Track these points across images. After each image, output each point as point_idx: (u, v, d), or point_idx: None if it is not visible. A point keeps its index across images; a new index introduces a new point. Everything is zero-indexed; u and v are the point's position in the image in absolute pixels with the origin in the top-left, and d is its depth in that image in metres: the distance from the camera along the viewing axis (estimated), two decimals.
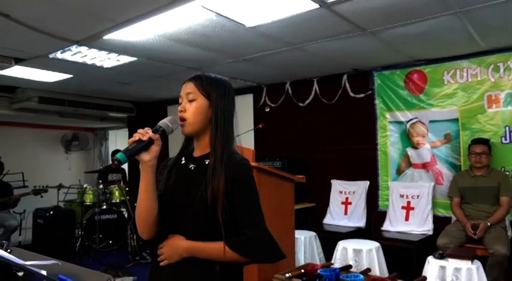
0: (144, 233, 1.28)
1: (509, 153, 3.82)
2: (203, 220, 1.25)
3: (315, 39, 3.54)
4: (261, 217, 1.29)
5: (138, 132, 1.21)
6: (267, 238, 1.27)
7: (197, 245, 1.25)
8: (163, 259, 1.28)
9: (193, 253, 1.25)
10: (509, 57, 3.83)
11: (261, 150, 5.52)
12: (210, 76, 1.38)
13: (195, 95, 1.32)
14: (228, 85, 1.40)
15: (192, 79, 1.35)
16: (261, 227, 1.27)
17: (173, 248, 1.27)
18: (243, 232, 1.25)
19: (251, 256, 1.25)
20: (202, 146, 1.35)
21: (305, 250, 3.87)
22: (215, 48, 3.74)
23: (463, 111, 4.09)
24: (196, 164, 1.34)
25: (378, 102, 4.66)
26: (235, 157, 1.31)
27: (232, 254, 1.22)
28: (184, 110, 1.32)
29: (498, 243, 3.27)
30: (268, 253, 1.27)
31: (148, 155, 1.22)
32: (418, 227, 4.15)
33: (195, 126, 1.31)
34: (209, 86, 1.33)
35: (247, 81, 5.36)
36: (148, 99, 6.78)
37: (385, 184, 4.59)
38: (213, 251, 1.24)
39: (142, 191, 1.24)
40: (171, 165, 1.39)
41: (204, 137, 1.34)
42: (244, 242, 1.24)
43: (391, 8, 2.82)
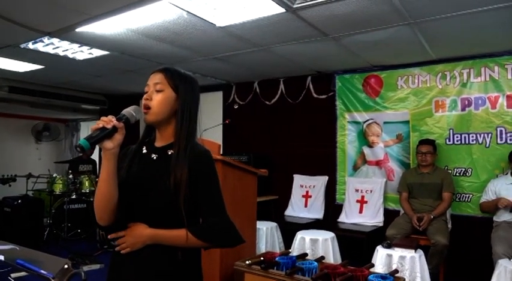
0: (102, 220, 1.25)
1: (452, 153, 4.01)
2: (165, 209, 1.24)
3: (282, 42, 3.56)
4: (222, 205, 1.30)
5: (102, 120, 1.18)
6: (228, 224, 1.28)
7: (160, 232, 1.24)
8: (126, 247, 1.25)
9: (156, 240, 1.24)
10: (455, 67, 4.01)
11: (229, 145, 5.52)
12: (179, 70, 1.37)
13: (163, 86, 1.30)
14: (196, 81, 1.40)
15: (162, 71, 1.33)
16: (223, 215, 1.28)
17: (136, 236, 1.25)
18: (206, 219, 1.27)
19: (213, 242, 1.27)
20: (165, 137, 1.33)
21: (266, 240, 3.91)
22: (187, 45, 3.69)
23: (414, 114, 4.25)
24: (159, 154, 1.32)
25: (338, 104, 4.76)
26: (198, 148, 1.31)
27: (195, 240, 1.23)
28: (150, 98, 1.29)
29: (439, 234, 3.44)
30: (229, 238, 1.29)
31: (111, 143, 1.18)
32: (370, 219, 4.29)
33: (159, 116, 1.29)
34: (178, 79, 1.32)
35: (217, 79, 5.33)
36: (120, 93, 6.60)
37: (343, 179, 4.71)
38: (176, 238, 1.23)
39: (104, 178, 1.21)
40: (132, 154, 1.36)
41: (167, 127, 1.33)
42: (207, 229, 1.26)
43: (352, 17, 2.88)
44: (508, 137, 3.74)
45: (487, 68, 3.85)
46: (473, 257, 3.73)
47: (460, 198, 3.94)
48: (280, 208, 4.97)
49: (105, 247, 4.82)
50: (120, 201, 1.25)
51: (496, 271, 2.81)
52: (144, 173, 1.29)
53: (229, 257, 2.68)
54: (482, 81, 3.88)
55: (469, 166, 3.93)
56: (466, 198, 3.92)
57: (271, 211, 4.94)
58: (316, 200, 4.76)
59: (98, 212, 1.25)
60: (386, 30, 3.17)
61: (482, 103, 3.88)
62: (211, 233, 1.25)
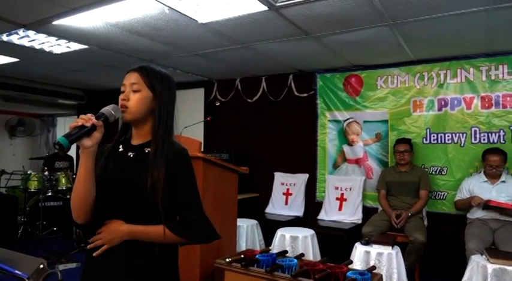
0: (79, 218, 1.25)
1: (429, 152, 4.12)
2: (143, 206, 1.25)
3: (264, 40, 3.57)
4: (199, 203, 1.32)
5: (81, 118, 1.18)
6: (204, 221, 1.31)
7: (138, 228, 1.25)
8: (103, 244, 1.25)
9: (133, 236, 1.25)
10: (432, 68, 4.11)
11: (210, 142, 5.50)
12: (155, 69, 1.36)
13: (140, 86, 1.30)
14: (172, 79, 1.40)
15: (138, 70, 1.33)
16: (200, 212, 1.31)
17: (113, 232, 1.25)
18: (183, 216, 1.29)
19: (190, 237, 1.29)
20: (142, 135, 1.34)
21: (247, 237, 3.92)
22: (168, 41, 3.65)
23: (392, 113, 4.33)
24: (136, 152, 1.32)
25: (319, 102, 4.81)
26: (175, 147, 1.32)
27: (172, 236, 1.24)
28: (127, 99, 1.29)
29: (417, 232, 3.52)
30: (205, 234, 1.33)
31: (90, 141, 1.18)
32: (349, 217, 4.36)
33: (137, 115, 1.30)
34: (154, 79, 1.32)
35: (198, 75, 5.29)
36: (99, 88, 6.47)
37: (323, 177, 4.76)
38: (153, 233, 1.24)
39: (81, 176, 1.20)
40: (109, 152, 1.35)
41: (144, 126, 1.33)
42: (184, 225, 1.28)
43: (333, 16, 2.91)
44: (482, 137, 3.86)
45: (462, 70, 3.96)
46: (447, 253, 3.84)
47: (435, 196, 4.05)
48: (261, 206, 4.98)
49: (82, 245, 4.72)
50: (97, 199, 1.25)
51: (469, 266, 2.91)
52: (121, 171, 1.30)
53: (209, 255, 2.68)
54: (458, 83, 3.99)
55: (444, 165, 4.04)
56: (442, 196, 4.03)
57: (252, 208, 4.95)
58: (297, 197, 4.80)
59: (75, 211, 1.24)
60: (367, 30, 3.22)
61: (457, 104, 3.99)
62: (188, 229, 1.28)
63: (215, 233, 1.33)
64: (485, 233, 3.32)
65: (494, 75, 3.82)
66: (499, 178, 3.50)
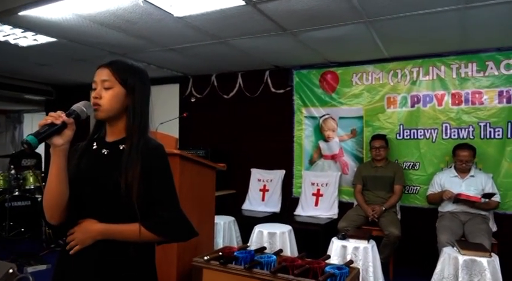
0: (53, 218, 1.20)
1: (402, 147, 4.21)
2: (117, 204, 1.20)
3: (240, 35, 3.53)
4: (175, 200, 1.28)
5: (51, 115, 1.13)
6: (181, 218, 1.28)
7: (112, 227, 1.21)
8: (75, 244, 1.20)
9: (107, 235, 1.21)
10: (405, 65, 4.20)
11: (185, 139, 5.42)
12: (127, 63, 1.31)
13: (111, 83, 1.25)
14: (145, 73, 1.35)
15: (108, 66, 1.27)
16: (176, 209, 1.27)
17: (85, 232, 1.21)
18: (159, 213, 1.24)
19: (167, 235, 1.26)
20: (116, 132, 1.30)
21: (224, 234, 3.89)
22: (142, 35, 3.55)
23: (367, 110, 4.40)
24: (110, 149, 1.28)
25: (295, 99, 4.82)
26: (151, 143, 1.28)
27: (148, 234, 1.21)
28: (99, 97, 1.24)
29: (392, 226, 3.61)
30: (183, 232, 1.29)
31: (61, 139, 1.13)
32: (325, 212, 4.40)
33: (110, 112, 1.25)
34: (126, 74, 1.27)
35: (173, 70, 5.19)
36: (69, 83, 6.24)
37: (299, 173, 4.79)
38: (128, 232, 1.20)
39: (53, 175, 1.15)
40: (82, 149, 1.31)
41: (118, 122, 1.29)
42: (161, 223, 1.24)
43: (310, 12, 2.91)
44: (452, 133, 3.98)
45: (434, 67, 4.07)
46: (420, 246, 3.95)
47: (408, 190, 4.15)
48: (238, 202, 4.96)
49: (52, 246, 4.55)
50: (71, 198, 1.20)
51: (440, 258, 3.01)
52: (95, 169, 1.25)
53: (186, 253, 2.63)
54: (430, 80, 4.10)
55: (417, 160, 4.14)
56: (414, 190, 4.14)
57: (229, 205, 4.92)
58: (273, 193, 4.80)
59: (48, 211, 1.19)
60: (343, 27, 3.24)
61: (429, 100, 4.10)
62: (164, 227, 1.24)
63: (193, 230, 1.30)
64: (456, 225, 3.43)
65: (464, 73, 3.95)
66: (468, 172, 3.63)
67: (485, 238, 3.19)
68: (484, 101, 3.86)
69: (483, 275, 2.70)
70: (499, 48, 3.77)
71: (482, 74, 3.87)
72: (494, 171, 3.77)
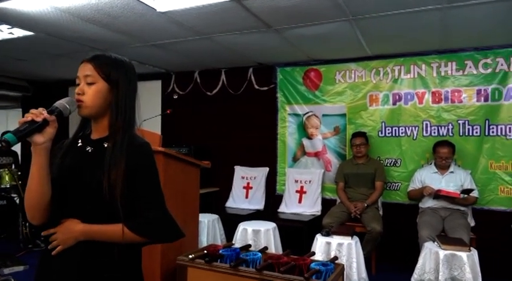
0: (35, 219, 1.15)
1: (383, 145, 4.27)
2: (100, 204, 1.16)
3: (225, 31, 3.50)
4: (161, 199, 1.24)
5: (31, 112, 1.07)
6: (167, 219, 1.23)
7: (94, 227, 1.16)
8: (57, 245, 1.16)
9: (90, 236, 1.16)
10: (388, 63, 4.25)
11: (168, 136, 5.33)
12: (111, 57, 1.26)
13: (95, 78, 1.20)
14: (130, 67, 1.30)
15: (91, 60, 1.22)
16: (162, 209, 1.23)
17: (67, 232, 1.16)
18: (144, 213, 1.19)
19: (152, 237, 1.21)
20: (101, 129, 1.25)
21: (208, 232, 3.86)
22: (124, 30, 3.47)
23: (350, 107, 4.44)
24: (94, 147, 1.23)
25: (279, 96, 4.82)
26: (136, 141, 1.23)
27: (131, 235, 1.16)
28: (82, 92, 1.20)
29: (374, 222, 3.66)
30: (168, 233, 1.24)
31: (42, 137, 1.08)
32: (309, 209, 4.42)
33: (94, 109, 1.21)
34: (110, 68, 1.22)
35: (155, 67, 5.11)
36: (47, 79, 6.05)
37: (283, 170, 4.80)
38: (111, 233, 1.16)
39: (34, 175, 1.10)
40: (66, 147, 1.26)
41: (103, 119, 1.24)
42: (145, 224, 1.19)
43: (295, 9, 2.90)
44: (432, 130, 4.06)
45: (415, 66, 4.14)
46: (401, 241, 4.02)
47: (390, 187, 4.21)
48: (221, 200, 4.93)
49: (30, 246, 4.42)
50: (53, 197, 1.15)
51: (422, 253, 3.06)
52: (79, 167, 1.20)
53: (170, 251, 2.60)
54: (411, 78, 4.16)
55: (398, 157, 4.21)
56: (396, 186, 4.20)
57: (212, 203, 4.89)
58: (257, 191, 4.80)
59: (30, 211, 1.14)
60: (328, 25, 3.25)
61: (411, 98, 4.17)
62: (149, 228, 1.19)
63: (179, 231, 1.25)
64: (436, 221, 3.51)
65: (444, 71, 4.03)
66: (448, 168, 3.71)
67: (464, 232, 3.27)
68: (463, 100, 3.95)
69: (463, 269, 2.77)
70: (477, 48, 3.87)
71: (461, 73, 3.96)
72: (473, 167, 3.87)
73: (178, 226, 1.25)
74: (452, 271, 2.82)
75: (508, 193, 3.76)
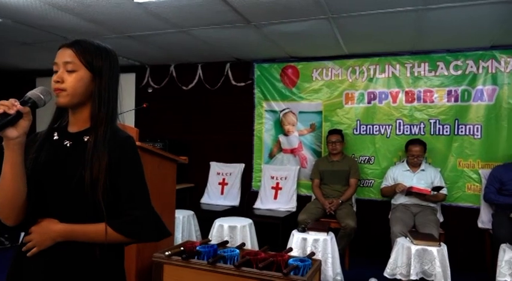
0: (9, 219, 1.07)
1: (358, 142, 4.36)
2: (81, 202, 1.09)
3: (203, 25, 3.44)
4: (147, 197, 1.18)
5: (2, 104, 0.98)
6: (153, 217, 1.17)
7: (75, 227, 1.09)
8: (32, 246, 1.08)
9: (70, 237, 1.09)
10: (363, 63, 4.33)
11: (142, 130, 5.19)
12: (93, 44, 1.17)
13: (76, 65, 1.12)
14: (114, 54, 1.22)
15: (72, 46, 1.14)
16: (148, 207, 1.17)
17: (44, 233, 1.09)
18: (129, 212, 1.13)
19: (138, 236, 1.15)
20: (80, 121, 1.17)
21: (183, 229, 3.81)
22: (97, 20, 3.35)
23: (326, 105, 4.50)
24: (73, 141, 1.15)
25: (256, 92, 4.81)
26: (119, 135, 1.16)
27: (115, 235, 1.10)
28: (62, 80, 1.11)
29: (348, 218, 3.72)
30: (155, 232, 1.18)
31: (15, 131, 1.00)
32: (284, 205, 4.45)
33: (75, 98, 1.12)
34: (93, 56, 1.14)
35: (130, 59, 4.97)
36: (12, 69, 5.76)
37: (259, 167, 4.80)
38: (93, 233, 1.09)
39: (8, 172, 1.02)
40: (41, 141, 1.17)
41: (83, 111, 1.16)
42: (131, 223, 1.12)
43: (275, 5, 2.89)
44: (405, 129, 4.18)
45: (390, 66, 4.24)
46: (374, 237, 4.12)
47: (363, 184, 4.31)
48: (196, 196, 4.88)
49: None
50: (29, 196, 1.07)
51: (394, 248, 3.15)
52: (57, 163, 1.12)
53: (146, 248, 2.54)
54: (385, 78, 4.26)
55: (372, 155, 4.30)
56: (369, 184, 4.30)
57: (187, 199, 4.83)
58: (233, 187, 4.78)
59: (3, 211, 1.06)
60: (307, 22, 3.26)
61: (385, 97, 4.26)
62: (134, 227, 1.13)
63: (165, 229, 1.20)
64: (408, 217, 3.62)
65: (417, 72, 4.14)
66: (419, 166, 3.83)
67: (434, 228, 3.38)
68: (434, 100, 4.08)
69: (433, 263, 2.87)
70: (449, 50, 4.00)
71: (433, 74, 4.09)
72: (442, 165, 4.01)
73: (164, 224, 1.20)
74: (423, 265, 2.91)
75: (474, 190, 3.93)
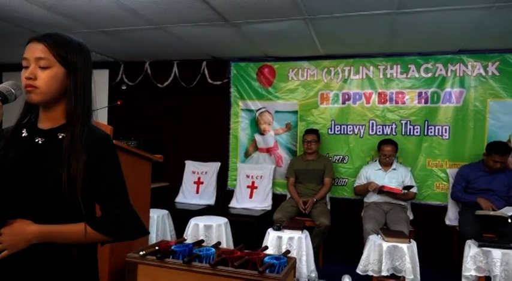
0: None
1: (332, 142, 4.43)
2: (58, 202, 1.06)
3: (180, 23, 3.40)
4: (126, 195, 1.16)
5: None
6: (132, 215, 1.16)
7: (52, 228, 1.06)
8: (2, 249, 1.04)
9: (47, 238, 1.05)
10: (338, 64, 4.41)
11: (116, 128, 5.07)
12: (66, 38, 1.13)
13: (50, 61, 1.07)
14: (87, 49, 1.18)
15: (43, 40, 1.08)
16: (127, 205, 1.16)
17: (17, 234, 1.04)
18: (109, 210, 1.12)
19: (116, 235, 1.13)
20: (53, 118, 1.13)
21: (157, 228, 3.76)
22: (70, 13, 3.25)
23: (302, 105, 4.55)
24: (46, 138, 1.11)
25: (232, 91, 4.81)
26: (96, 132, 1.14)
27: (95, 234, 1.08)
28: (34, 77, 1.06)
29: (323, 216, 3.79)
30: (134, 230, 1.17)
31: None
32: (260, 204, 4.47)
33: (48, 95, 1.08)
34: (67, 51, 1.10)
35: (103, 55, 4.85)
36: None
37: (234, 166, 4.80)
38: (72, 234, 1.07)
39: None
40: (9, 138, 1.12)
41: (56, 107, 1.12)
42: (110, 222, 1.11)
43: (254, 5, 2.90)
44: (378, 129, 4.29)
45: (364, 67, 4.33)
46: (347, 234, 4.20)
47: (337, 182, 4.39)
48: (171, 195, 4.83)
49: None
50: None
51: (366, 246, 3.23)
52: (29, 161, 1.08)
53: (119, 249, 2.49)
54: (359, 79, 4.35)
55: (346, 154, 4.39)
56: (343, 182, 4.39)
57: (162, 198, 4.77)
58: (208, 186, 4.76)
59: None
60: (284, 22, 3.29)
61: (359, 98, 4.36)
62: (114, 226, 1.12)
63: (144, 228, 1.19)
64: (379, 215, 3.72)
65: (390, 74, 4.26)
66: (391, 166, 3.94)
67: (405, 225, 3.49)
68: (405, 101, 4.21)
69: (403, 259, 2.96)
70: (420, 53, 4.13)
71: (405, 76, 4.21)
72: (412, 165, 4.15)
73: (143, 223, 1.19)
74: (393, 261, 3.00)
75: (442, 188, 4.09)
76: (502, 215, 3.31)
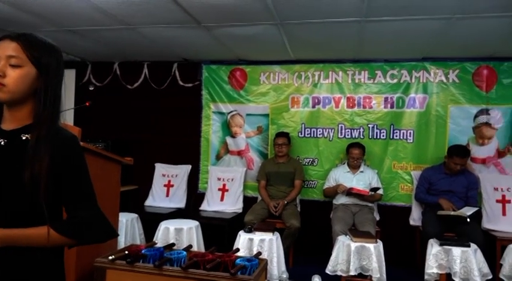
0: None
1: (303, 145, 4.52)
2: (20, 205, 1.04)
3: (152, 24, 3.37)
4: (93, 198, 1.15)
5: None
6: (99, 217, 1.15)
7: (14, 232, 1.03)
8: None
9: (9, 242, 1.02)
10: (309, 68, 4.50)
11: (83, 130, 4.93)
12: (41, 39, 1.13)
13: (22, 60, 1.06)
14: (59, 52, 1.18)
15: (17, 39, 1.07)
16: (94, 208, 1.14)
17: None
18: (74, 213, 1.10)
19: (82, 238, 1.11)
20: (18, 118, 1.11)
21: (126, 232, 3.68)
22: (36, 11, 3.14)
23: (273, 108, 4.61)
24: (9, 139, 1.08)
25: (204, 93, 4.80)
26: (62, 133, 1.12)
27: (59, 238, 1.06)
28: (3, 75, 1.04)
29: (293, 218, 3.85)
30: (102, 233, 1.16)
31: None
32: (231, 206, 4.47)
33: (16, 95, 1.06)
34: (41, 52, 1.09)
35: (70, 54, 4.71)
36: None
37: (205, 168, 4.79)
38: (35, 237, 1.04)
39: None
40: None
41: (22, 108, 1.10)
42: (76, 224, 1.09)
43: (227, 8, 2.92)
44: (346, 133, 4.41)
45: (333, 72, 4.45)
46: (317, 236, 4.28)
47: (307, 185, 4.47)
48: (140, 198, 4.74)
49: None
50: None
51: (335, 246, 3.31)
52: None
53: (86, 253, 2.43)
54: (329, 83, 4.46)
55: (315, 157, 4.49)
56: (313, 185, 4.47)
57: (131, 201, 4.67)
58: (179, 189, 4.71)
59: None
60: (256, 26, 3.33)
61: (328, 102, 4.47)
62: (79, 229, 1.09)
63: (112, 230, 1.18)
64: (348, 216, 3.82)
65: (358, 79, 4.40)
66: (359, 168, 4.06)
67: (372, 226, 3.61)
68: (372, 105, 4.36)
69: (370, 258, 3.06)
70: (386, 60, 4.30)
71: (372, 81, 4.36)
72: (379, 167, 4.29)
73: (111, 225, 1.18)
74: (361, 261, 3.10)
75: (407, 190, 4.26)
76: (462, 215, 3.50)
